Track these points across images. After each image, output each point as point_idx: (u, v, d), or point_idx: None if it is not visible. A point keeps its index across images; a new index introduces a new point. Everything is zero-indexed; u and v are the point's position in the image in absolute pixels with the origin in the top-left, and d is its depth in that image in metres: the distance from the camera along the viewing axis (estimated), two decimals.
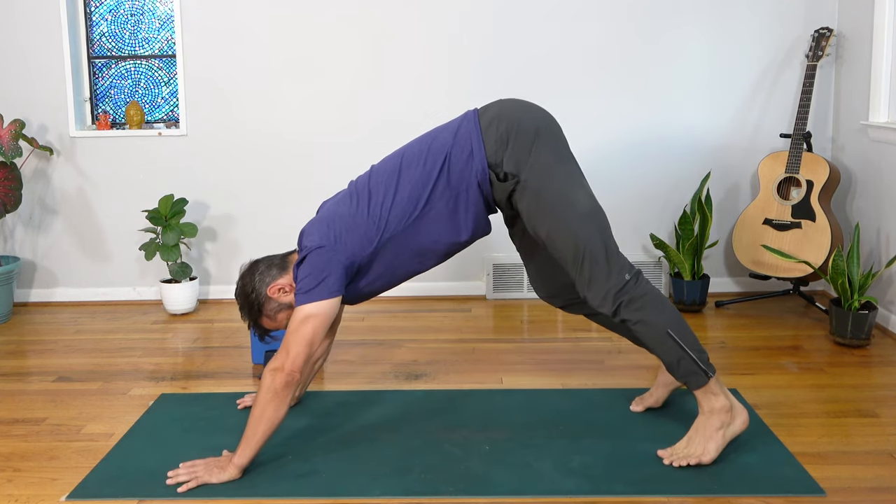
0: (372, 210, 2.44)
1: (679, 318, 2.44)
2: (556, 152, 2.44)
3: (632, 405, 2.81)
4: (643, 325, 2.41)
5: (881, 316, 3.70)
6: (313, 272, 2.39)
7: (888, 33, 3.68)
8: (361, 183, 2.53)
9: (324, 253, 2.40)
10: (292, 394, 2.37)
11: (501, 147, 2.40)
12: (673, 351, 2.41)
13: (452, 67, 4.20)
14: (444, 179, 2.43)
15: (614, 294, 2.39)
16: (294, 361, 2.34)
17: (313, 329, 2.36)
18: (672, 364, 2.43)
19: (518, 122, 2.42)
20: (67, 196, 4.34)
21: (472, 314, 4.06)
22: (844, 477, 2.35)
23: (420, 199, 2.43)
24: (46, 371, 3.36)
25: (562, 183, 2.41)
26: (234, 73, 4.23)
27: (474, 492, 2.29)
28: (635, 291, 2.40)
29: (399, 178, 2.46)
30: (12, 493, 2.35)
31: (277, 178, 4.31)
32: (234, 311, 4.20)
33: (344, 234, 2.43)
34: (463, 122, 2.48)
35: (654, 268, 4.28)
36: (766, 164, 3.95)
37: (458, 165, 2.42)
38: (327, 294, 2.38)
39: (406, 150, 2.52)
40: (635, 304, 2.39)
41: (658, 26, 4.14)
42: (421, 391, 3.04)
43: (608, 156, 4.23)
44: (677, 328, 2.41)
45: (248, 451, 2.37)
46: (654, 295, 2.42)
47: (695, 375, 2.41)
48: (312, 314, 2.37)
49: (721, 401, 2.43)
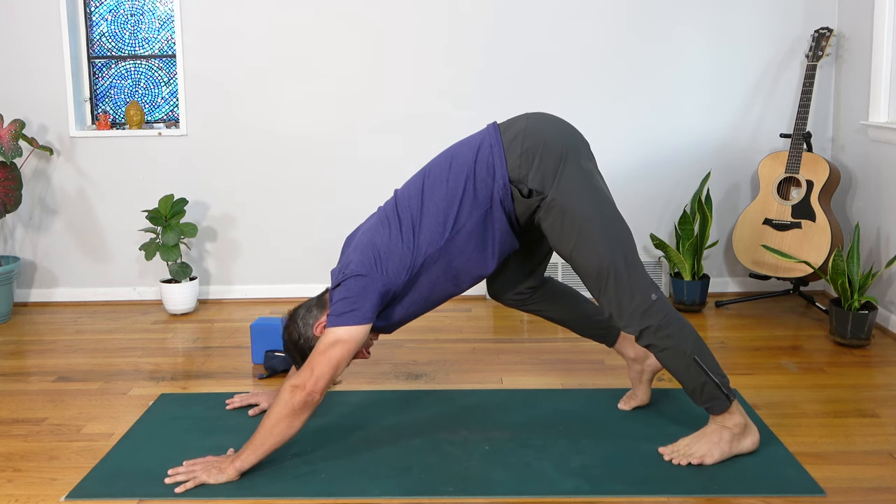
0: (405, 236, 2.40)
1: (701, 341, 2.42)
2: (584, 171, 2.39)
3: (619, 403, 2.83)
4: (670, 353, 2.39)
5: (881, 316, 3.70)
6: (349, 296, 2.34)
7: (888, 33, 3.68)
8: (390, 209, 2.48)
9: (361, 280, 2.35)
10: (309, 414, 2.34)
11: (526, 163, 2.35)
12: (697, 377, 2.39)
13: (452, 67, 4.20)
14: (471, 197, 2.38)
15: (640, 314, 2.36)
16: (317, 382, 2.31)
17: (341, 353, 2.33)
18: (695, 390, 2.41)
19: (545, 138, 2.37)
20: (67, 196, 4.34)
21: (472, 314, 4.06)
22: (844, 477, 2.35)
23: (448, 220, 2.38)
24: (46, 371, 3.36)
25: (589, 202, 2.36)
26: (233, 73, 4.23)
27: (474, 492, 2.29)
28: (661, 316, 2.37)
29: (423, 201, 2.41)
30: (12, 493, 2.35)
31: (277, 178, 4.31)
32: (233, 310, 4.20)
33: (381, 261, 2.38)
34: (485, 137, 2.43)
35: (654, 268, 4.28)
36: (766, 164, 3.95)
37: (482, 183, 2.37)
38: (359, 320, 2.34)
39: (428, 171, 2.47)
40: (663, 331, 2.36)
41: (658, 26, 4.14)
42: (421, 391, 3.04)
43: (608, 156, 4.23)
44: (701, 353, 2.40)
45: (251, 458, 2.36)
46: (676, 318, 2.40)
47: (717, 401, 2.41)
48: (342, 339, 2.33)
49: (737, 419, 2.43)
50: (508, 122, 2.46)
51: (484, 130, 2.46)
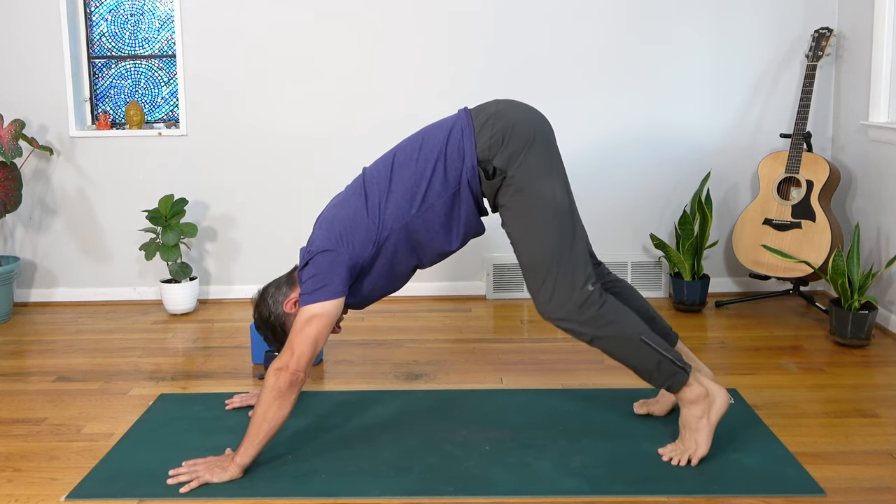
0: (370, 211, 2.44)
1: (642, 321, 2.42)
2: (548, 159, 2.42)
3: (635, 406, 2.80)
4: (616, 340, 2.39)
5: (881, 316, 3.70)
6: (318, 273, 2.39)
7: (888, 33, 3.68)
8: (357, 185, 2.53)
9: (328, 255, 2.40)
10: (297, 394, 2.37)
11: (495, 145, 2.39)
12: (650, 357, 2.39)
13: (452, 67, 4.20)
14: (440, 178, 2.42)
15: (579, 306, 2.36)
16: (298, 361, 2.34)
17: (318, 329, 2.37)
18: (651, 371, 2.41)
19: (514, 122, 2.41)
20: (67, 196, 4.34)
21: (472, 314, 4.06)
22: (844, 477, 2.35)
23: (415, 198, 2.43)
24: (46, 371, 3.36)
25: (547, 189, 2.39)
26: (234, 73, 4.23)
27: (474, 492, 2.29)
28: (599, 306, 2.37)
29: (392, 178, 2.46)
30: (12, 493, 2.35)
31: (277, 178, 4.31)
32: (234, 310, 4.20)
33: (346, 235, 2.43)
34: (456, 121, 2.47)
35: (654, 268, 4.28)
36: (766, 164, 3.95)
37: (452, 164, 2.41)
38: (332, 294, 2.38)
39: (398, 150, 2.52)
40: (603, 319, 2.37)
41: (658, 27, 4.14)
42: (421, 391, 3.04)
43: (608, 156, 4.23)
44: (648, 334, 2.40)
45: (250, 450, 2.37)
46: (614, 306, 2.40)
47: (676, 375, 2.40)
48: (317, 314, 2.37)
49: (697, 389, 2.42)
50: (479, 107, 2.49)
51: (456, 115, 2.50)
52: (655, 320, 2.68)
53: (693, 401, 2.42)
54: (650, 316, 2.68)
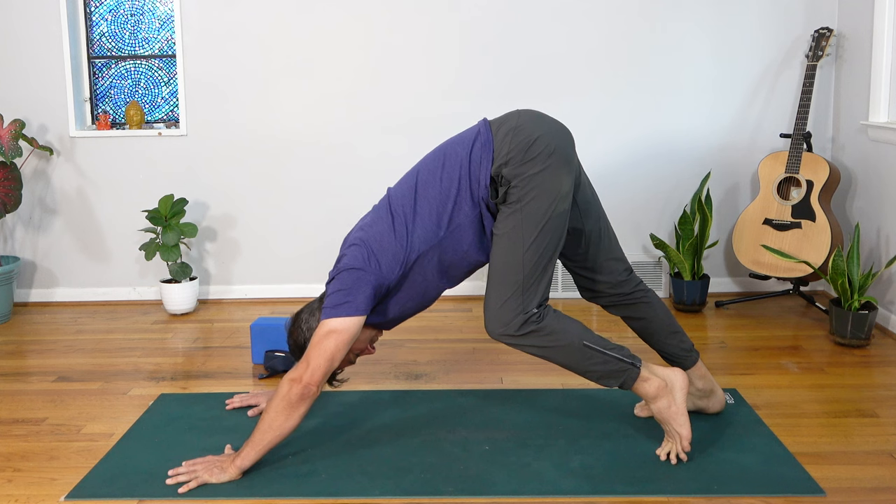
0: (398, 233, 2.41)
1: (583, 325, 2.42)
2: (559, 179, 2.36)
3: (636, 410, 2.79)
4: (560, 350, 2.38)
5: (881, 316, 3.70)
6: (343, 289, 2.36)
7: (888, 33, 3.68)
8: (383, 207, 2.49)
9: (355, 273, 2.37)
10: (306, 407, 2.35)
11: (513, 161, 2.35)
12: (596, 359, 2.38)
13: (453, 68, 4.20)
14: (466, 196, 2.39)
15: (526, 320, 2.34)
16: (313, 374, 2.32)
17: (336, 344, 2.33)
18: (602, 375, 2.40)
19: (534, 138, 2.36)
20: (67, 196, 4.34)
21: (472, 314, 4.06)
22: (844, 477, 2.35)
23: (442, 218, 2.40)
24: (46, 371, 3.36)
25: (546, 209, 2.35)
26: (234, 74, 4.23)
27: (474, 492, 2.29)
28: (545, 319, 2.36)
29: (416, 198, 2.42)
30: (12, 493, 2.35)
31: (277, 178, 4.31)
32: (233, 311, 4.20)
33: (374, 256, 2.39)
34: (477, 136, 2.43)
35: (654, 268, 4.28)
36: (766, 164, 3.95)
37: (476, 183, 2.38)
38: (354, 311, 2.34)
39: (420, 169, 2.48)
40: (544, 331, 2.36)
41: (658, 27, 4.14)
42: (421, 391, 3.04)
43: (608, 156, 4.23)
44: (590, 337, 2.38)
45: (252, 454, 2.37)
46: (554, 316, 2.39)
47: (627, 372, 2.39)
48: (336, 329, 2.34)
49: (655, 382, 2.40)
50: (500, 119, 2.46)
51: (476, 127, 2.46)
52: (678, 335, 2.66)
53: (655, 395, 2.41)
54: (673, 331, 2.66)
